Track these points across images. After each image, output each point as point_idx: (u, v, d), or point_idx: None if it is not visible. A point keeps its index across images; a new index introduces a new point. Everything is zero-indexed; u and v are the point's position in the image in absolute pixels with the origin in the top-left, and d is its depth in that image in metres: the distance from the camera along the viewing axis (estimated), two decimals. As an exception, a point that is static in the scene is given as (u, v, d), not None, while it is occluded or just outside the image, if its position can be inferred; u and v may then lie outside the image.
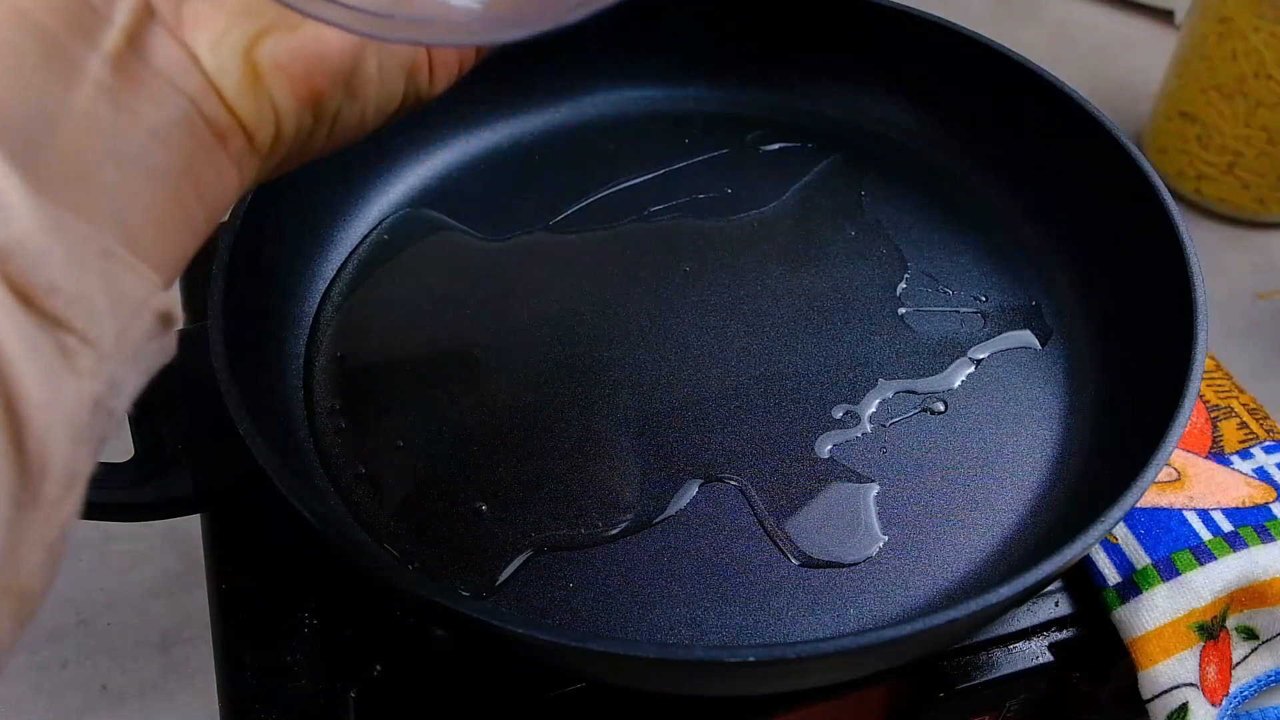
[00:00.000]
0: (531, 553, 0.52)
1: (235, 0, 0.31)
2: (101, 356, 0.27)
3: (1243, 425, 0.61)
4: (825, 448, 0.57)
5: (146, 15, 0.31)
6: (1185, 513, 0.56)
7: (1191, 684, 0.52)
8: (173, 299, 0.31)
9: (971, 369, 0.61)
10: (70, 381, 0.26)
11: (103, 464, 0.52)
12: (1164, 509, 0.56)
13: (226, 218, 0.56)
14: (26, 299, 0.25)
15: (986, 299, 0.64)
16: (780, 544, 0.53)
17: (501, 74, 0.72)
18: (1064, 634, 0.54)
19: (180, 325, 0.31)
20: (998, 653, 0.53)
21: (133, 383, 0.30)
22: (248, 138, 0.32)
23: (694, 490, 0.55)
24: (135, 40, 0.30)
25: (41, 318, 0.26)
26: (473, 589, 0.51)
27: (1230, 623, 0.54)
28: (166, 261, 0.31)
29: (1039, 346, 0.62)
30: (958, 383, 0.60)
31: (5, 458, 0.24)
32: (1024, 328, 0.63)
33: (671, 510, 0.54)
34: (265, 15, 0.32)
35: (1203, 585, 0.53)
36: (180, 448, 0.53)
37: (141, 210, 0.30)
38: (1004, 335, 0.62)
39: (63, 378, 0.26)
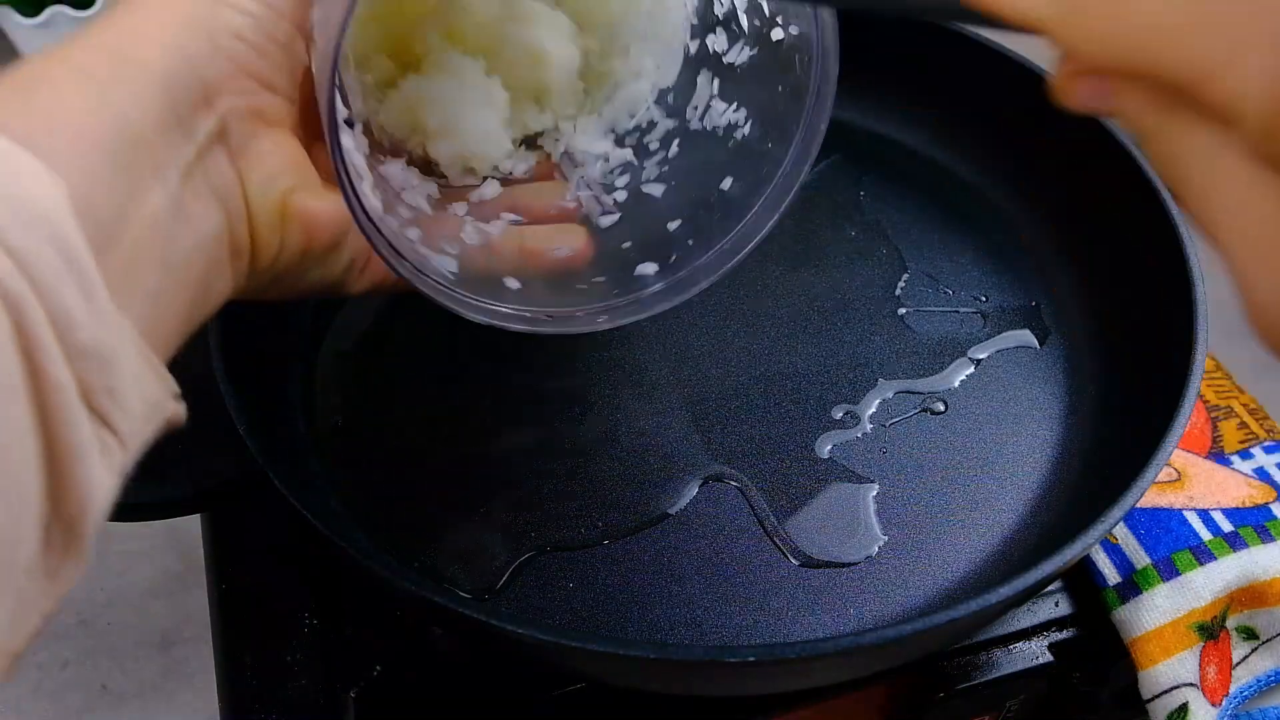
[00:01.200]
0: (534, 552, 0.52)
1: (289, 153, 0.37)
2: (125, 453, 0.30)
3: (1243, 425, 0.61)
4: (825, 448, 0.57)
5: (220, 137, 0.34)
6: (1185, 513, 0.56)
7: (1191, 684, 0.52)
8: (180, 406, 0.33)
9: (971, 369, 0.61)
10: (104, 476, 0.28)
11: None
12: (1164, 509, 0.56)
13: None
14: (88, 398, 0.28)
15: (986, 299, 0.64)
16: (780, 544, 0.53)
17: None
18: (1064, 634, 0.54)
19: (181, 424, 0.34)
20: (998, 653, 0.53)
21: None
22: (253, 260, 0.37)
23: (694, 490, 0.55)
24: (203, 158, 0.34)
25: (94, 417, 0.28)
26: (474, 590, 0.51)
27: (1230, 623, 0.54)
28: (167, 358, 0.33)
29: (1038, 346, 0.62)
30: (957, 383, 0.60)
31: (36, 537, 0.27)
32: (1024, 327, 0.63)
33: (671, 510, 0.54)
34: (304, 174, 0.37)
35: (1203, 585, 0.53)
36: (180, 448, 0.53)
37: (168, 313, 0.33)
38: (1004, 335, 0.62)
39: (99, 472, 0.28)
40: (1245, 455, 0.59)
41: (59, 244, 0.27)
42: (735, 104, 0.52)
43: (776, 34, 0.50)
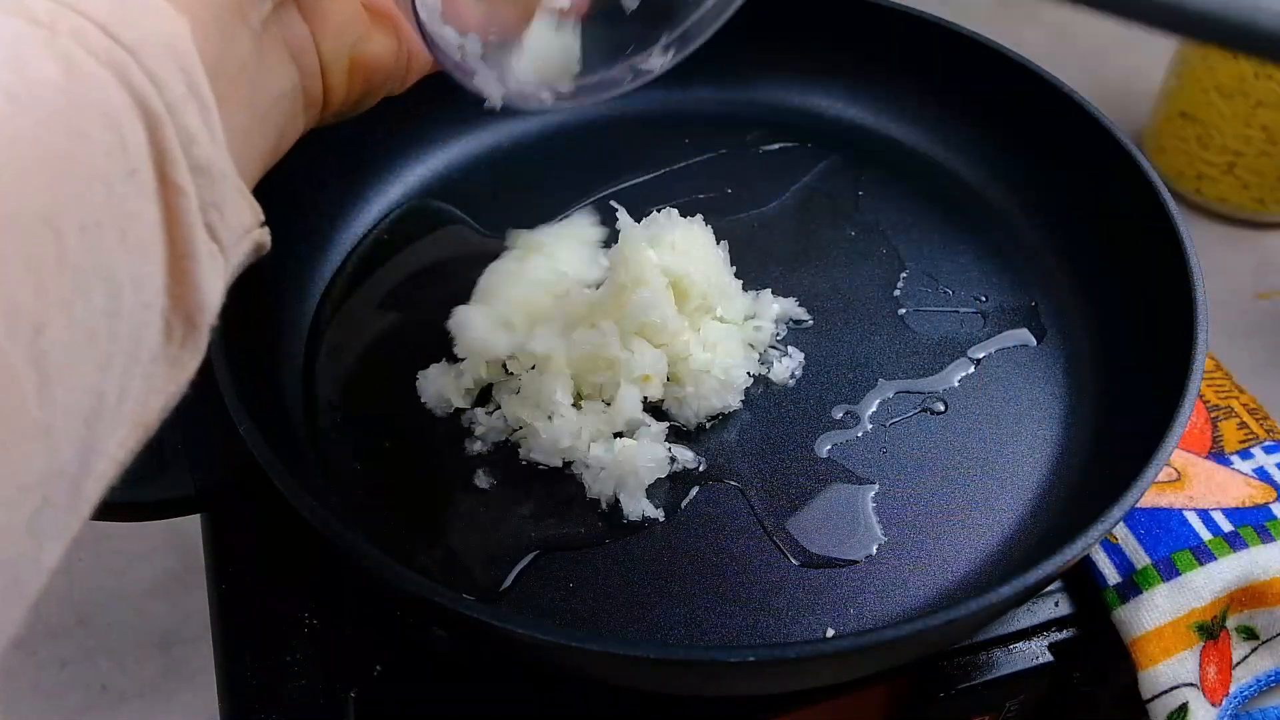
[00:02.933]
0: (538, 552, 0.52)
1: (351, 9, 0.41)
2: (227, 265, 0.34)
3: (1243, 425, 0.61)
4: (825, 448, 0.57)
5: None
6: (1185, 513, 0.56)
7: (1191, 684, 0.52)
8: (265, 232, 0.37)
9: (971, 369, 0.61)
10: (214, 279, 0.33)
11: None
12: (1164, 509, 0.56)
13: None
14: (203, 208, 0.32)
15: (986, 299, 0.64)
16: (780, 544, 0.53)
17: (501, 74, 0.72)
18: (1064, 634, 0.54)
19: (266, 253, 0.38)
20: (998, 653, 0.53)
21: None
22: (324, 108, 0.42)
23: (694, 490, 0.55)
24: (279, 12, 0.38)
25: (206, 226, 0.33)
26: (479, 591, 0.51)
27: (1230, 623, 0.54)
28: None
29: (1036, 344, 0.62)
30: (957, 382, 0.60)
31: (159, 327, 0.31)
32: (1023, 327, 0.63)
33: (672, 510, 0.54)
34: (365, 26, 0.42)
35: (1203, 585, 0.53)
36: (180, 448, 0.53)
37: (251, 154, 0.38)
38: (1003, 335, 0.62)
39: (210, 275, 0.33)
40: (1245, 455, 0.59)
41: (186, 72, 0.32)
42: None
43: None
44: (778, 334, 0.61)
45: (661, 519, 0.53)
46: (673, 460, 0.55)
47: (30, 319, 0.26)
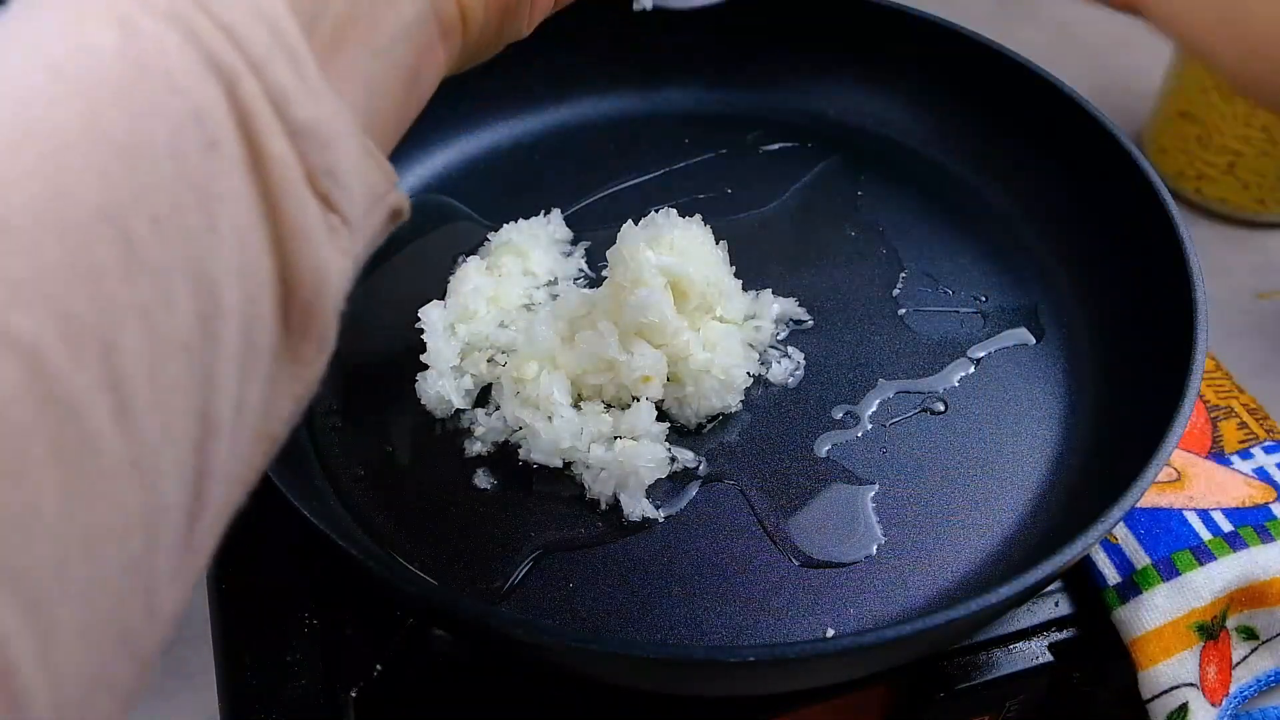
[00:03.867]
0: (540, 552, 0.52)
1: None
2: (353, 239, 0.30)
3: (1243, 425, 0.61)
4: (825, 448, 0.57)
5: None
6: (1185, 513, 0.56)
7: (1191, 684, 0.52)
8: (402, 195, 0.33)
9: (971, 369, 0.61)
10: (334, 257, 0.29)
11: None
12: (1164, 509, 0.56)
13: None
14: (311, 177, 0.27)
15: (986, 299, 0.64)
16: (780, 544, 0.53)
17: (502, 74, 0.72)
18: (1064, 634, 0.54)
19: (403, 219, 0.33)
20: (998, 653, 0.53)
21: (358, 266, 0.32)
22: (464, 35, 0.36)
23: (694, 490, 0.55)
24: None
25: (317, 196, 0.28)
26: (477, 592, 0.51)
27: (1230, 623, 0.54)
28: (386, 150, 0.33)
29: (1036, 343, 0.62)
30: (957, 382, 0.60)
31: (274, 320, 0.27)
32: (1023, 327, 0.63)
33: (672, 510, 0.54)
34: None
35: (1203, 585, 0.53)
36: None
37: (382, 100, 0.33)
38: (1003, 335, 0.62)
39: (329, 253, 0.28)
40: (1245, 455, 0.59)
41: (267, 19, 0.27)
42: None
43: None
44: (778, 334, 0.61)
45: (661, 519, 0.53)
46: (673, 460, 0.55)
47: (97, 337, 0.22)
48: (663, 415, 0.57)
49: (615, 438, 0.55)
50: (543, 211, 0.66)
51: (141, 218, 0.24)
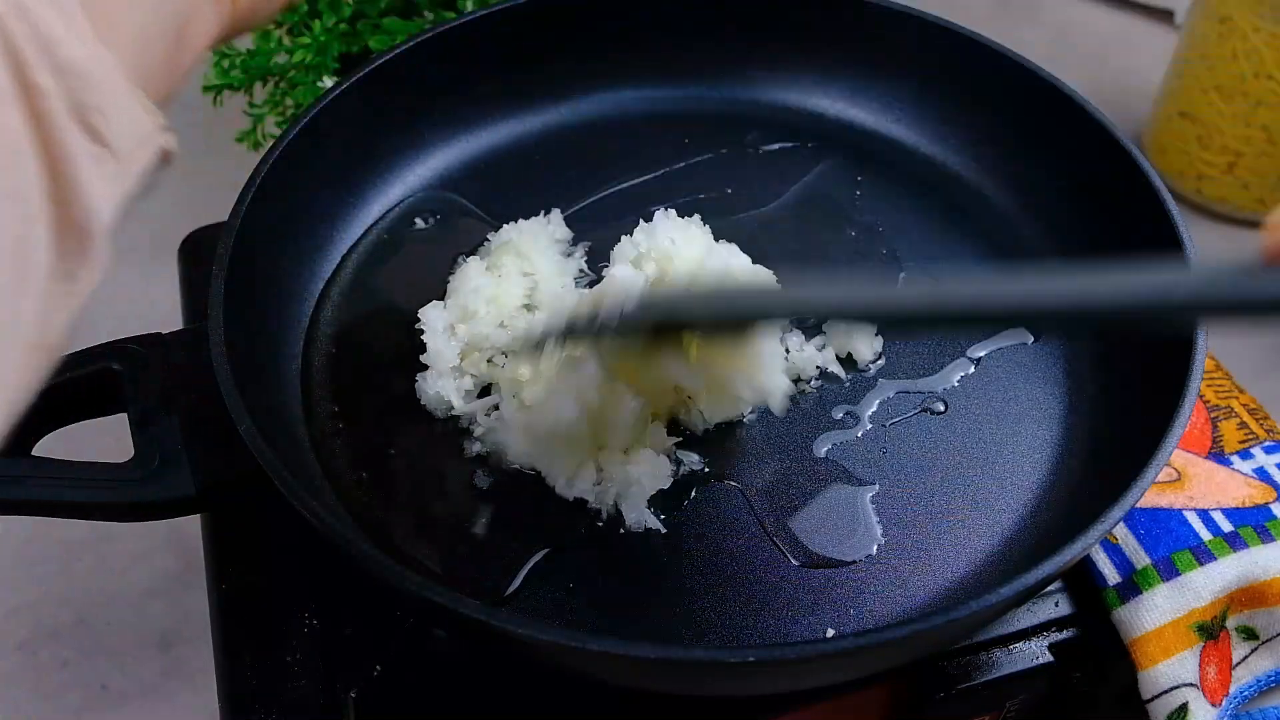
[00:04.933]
0: (541, 552, 0.52)
1: None
2: (122, 171, 0.32)
3: (1243, 425, 0.61)
4: (825, 448, 0.57)
5: None
6: (1185, 513, 0.56)
7: (1191, 684, 0.52)
8: (170, 137, 0.35)
9: (970, 369, 0.61)
10: (105, 184, 0.31)
11: (102, 464, 0.52)
12: (1164, 509, 0.56)
13: (228, 216, 0.56)
14: (79, 114, 0.30)
15: (986, 299, 0.64)
16: (780, 544, 0.53)
17: (502, 74, 0.72)
18: (1064, 634, 0.54)
19: (172, 161, 0.36)
20: (998, 653, 0.53)
21: (130, 201, 0.34)
22: (232, 1, 0.39)
23: (694, 490, 0.55)
24: None
25: (86, 131, 0.31)
26: (478, 592, 0.51)
27: (1230, 623, 0.54)
28: (158, 100, 0.36)
29: (1032, 340, 0.62)
30: (957, 382, 0.60)
31: (51, 240, 0.29)
32: (1024, 328, 0.63)
33: (671, 510, 0.54)
34: None
35: (1203, 585, 0.53)
36: (180, 448, 0.53)
37: (148, 55, 0.35)
38: (1003, 334, 0.62)
39: (98, 180, 0.31)
40: (1245, 455, 0.59)
41: None
42: None
43: None
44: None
45: (663, 531, 0.53)
46: (678, 464, 0.55)
47: None
48: (671, 422, 0.57)
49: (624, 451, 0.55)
50: (543, 211, 0.66)
51: None
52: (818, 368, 0.60)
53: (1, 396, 0.29)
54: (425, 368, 0.58)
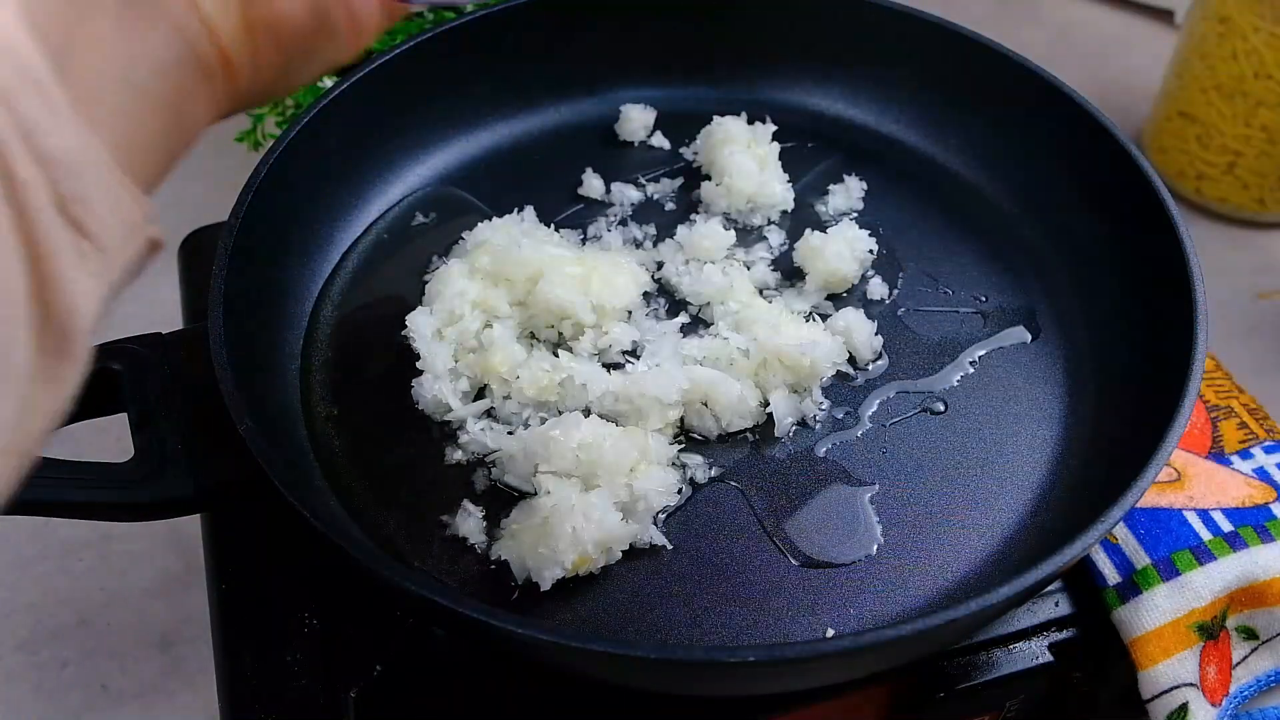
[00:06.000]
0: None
1: None
2: (107, 265, 0.31)
3: (1243, 425, 0.61)
4: (824, 448, 0.57)
5: None
6: (1185, 513, 0.56)
7: (1191, 684, 0.52)
8: (159, 229, 0.33)
9: (971, 369, 0.60)
10: (88, 281, 0.30)
11: (103, 464, 0.52)
12: (1164, 509, 0.56)
13: (228, 216, 0.56)
14: (62, 206, 0.29)
15: (986, 299, 0.64)
16: (780, 544, 0.53)
17: (502, 74, 0.72)
18: (1064, 634, 0.54)
19: (161, 251, 0.34)
20: (998, 653, 0.53)
21: (115, 294, 0.33)
22: (231, 79, 0.37)
23: (694, 491, 0.55)
24: None
25: (69, 224, 0.29)
26: (479, 593, 0.51)
27: (1230, 623, 0.54)
28: (148, 185, 0.34)
29: (1034, 340, 0.62)
30: (957, 382, 0.60)
31: (31, 340, 0.28)
32: (1023, 327, 0.63)
33: (671, 511, 0.54)
34: None
35: (1203, 585, 0.53)
36: (180, 448, 0.53)
37: (140, 136, 0.34)
38: (1003, 334, 0.62)
39: (82, 276, 0.29)
40: (1245, 455, 0.59)
41: (14, 56, 0.28)
42: None
43: None
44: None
45: (669, 547, 0.53)
46: (684, 468, 0.55)
47: None
48: (681, 428, 0.57)
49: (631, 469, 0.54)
50: (516, 209, 0.66)
51: None
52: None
53: None
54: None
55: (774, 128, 0.70)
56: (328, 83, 0.79)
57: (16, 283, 0.27)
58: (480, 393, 0.58)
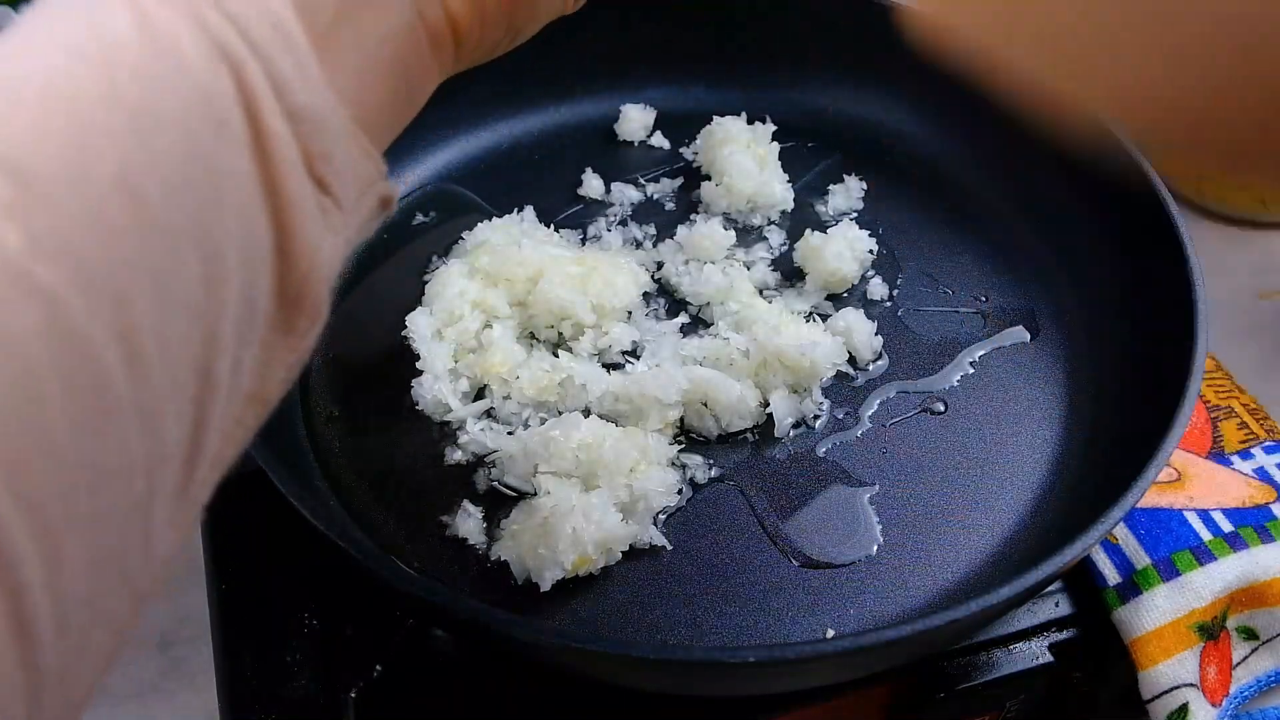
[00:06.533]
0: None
1: None
2: (345, 222, 0.32)
3: (1243, 425, 0.61)
4: (824, 448, 0.57)
5: None
6: (1185, 513, 0.56)
7: (1192, 684, 0.52)
8: (392, 186, 0.34)
9: (971, 369, 0.60)
10: (327, 236, 0.31)
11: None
12: (1164, 509, 0.56)
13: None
14: (307, 159, 0.30)
15: (986, 299, 0.64)
16: (780, 545, 0.53)
17: (502, 75, 0.72)
18: (1064, 634, 0.54)
19: (392, 209, 0.35)
20: (998, 653, 0.53)
21: (350, 250, 0.34)
22: (457, 42, 0.38)
23: (694, 491, 0.55)
24: None
25: (312, 177, 0.30)
26: (479, 593, 0.51)
27: (1230, 623, 0.54)
28: (378, 148, 0.35)
29: (1034, 340, 0.62)
30: (957, 382, 0.60)
31: (270, 290, 0.29)
32: (1023, 327, 0.63)
33: (672, 510, 0.54)
34: None
35: (1203, 585, 0.53)
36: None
37: (373, 98, 0.35)
38: (1003, 334, 0.62)
39: (323, 231, 0.30)
40: (1245, 455, 0.59)
41: (270, 12, 0.29)
42: None
43: None
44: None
45: (669, 547, 0.53)
46: (684, 469, 0.55)
47: (110, 289, 0.24)
48: (682, 428, 0.57)
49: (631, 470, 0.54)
50: (516, 209, 0.66)
51: (154, 184, 0.26)
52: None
53: (223, 446, 0.29)
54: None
55: (774, 128, 0.70)
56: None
57: (262, 234, 0.28)
58: (480, 393, 0.58)
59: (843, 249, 0.63)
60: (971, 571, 0.52)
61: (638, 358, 0.59)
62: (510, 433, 0.56)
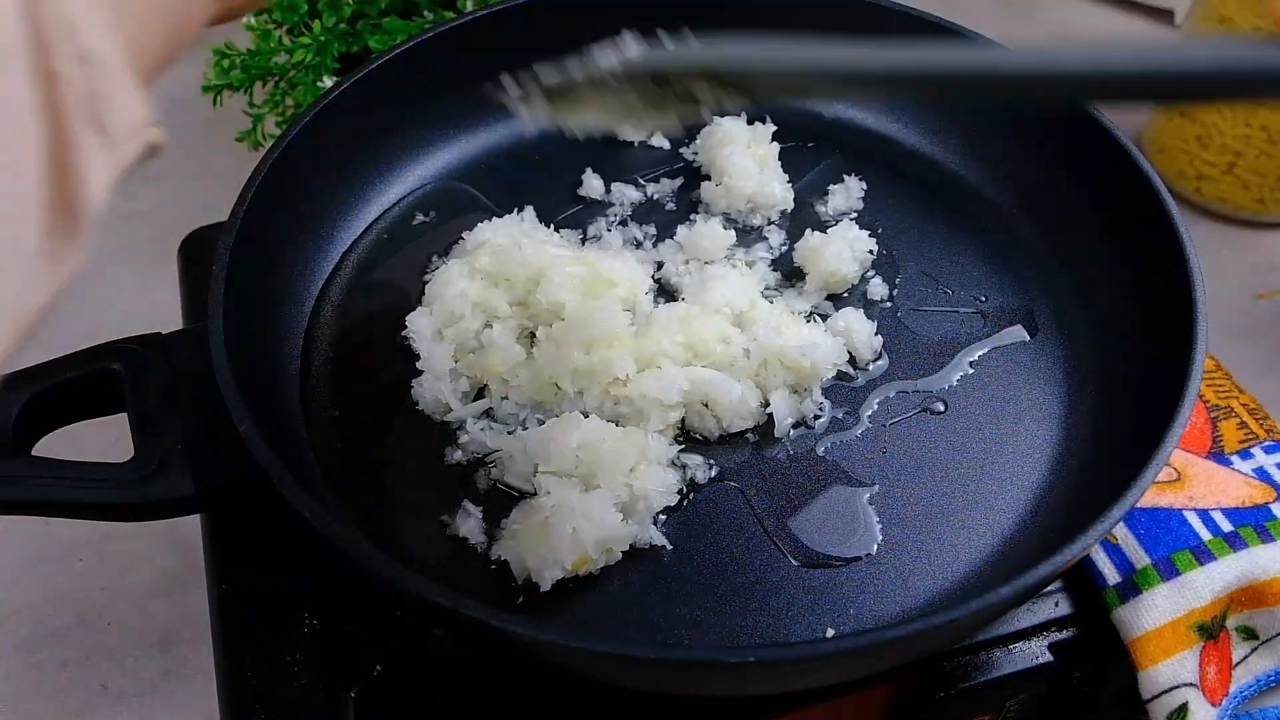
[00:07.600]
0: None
1: None
2: (115, 162, 0.33)
3: (1243, 425, 0.61)
4: (824, 448, 0.57)
5: None
6: (1185, 513, 0.56)
7: (1191, 684, 0.52)
8: (160, 131, 0.35)
9: (970, 369, 0.60)
10: (99, 174, 0.32)
11: (103, 464, 0.52)
12: (1164, 509, 0.56)
13: (228, 216, 0.56)
14: (91, 99, 0.31)
15: (986, 299, 0.64)
16: (780, 544, 0.53)
17: (502, 75, 0.72)
18: (1064, 634, 0.54)
19: (160, 154, 0.36)
20: (998, 653, 0.53)
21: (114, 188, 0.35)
22: None
23: (695, 491, 0.55)
24: None
25: (91, 117, 0.31)
26: (479, 593, 0.51)
27: (1230, 623, 0.54)
28: (145, 83, 0.36)
29: (1033, 340, 0.62)
30: (957, 382, 0.60)
31: (43, 223, 0.30)
32: (1023, 327, 0.63)
33: (672, 510, 0.54)
34: None
35: (1203, 585, 0.53)
36: (180, 448, 0.53)
37: (150, 43, 0.36)
38: (1002, 334, 0.62)
39: (96, 169, 0.31)
40: (1245, 455, 0.59)
41: None
42: None
43: None
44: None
45: (669, 547, 0.53)
46: (684, 469, 0.55)
47: None
48: (682, 429, 0.57)
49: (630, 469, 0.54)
50: (516, 209, 0.67)
51: None
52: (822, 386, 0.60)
53: None
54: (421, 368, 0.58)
55: (774, 128, 0.70)
56: (328, 82, 0.79)
57: (34, 164, 0.30)
58: (480, 393, 0.58)
59: (843, 249, 0.63)
60: (971, 571, 0.52)
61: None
62: (510, 433, 0.56)
